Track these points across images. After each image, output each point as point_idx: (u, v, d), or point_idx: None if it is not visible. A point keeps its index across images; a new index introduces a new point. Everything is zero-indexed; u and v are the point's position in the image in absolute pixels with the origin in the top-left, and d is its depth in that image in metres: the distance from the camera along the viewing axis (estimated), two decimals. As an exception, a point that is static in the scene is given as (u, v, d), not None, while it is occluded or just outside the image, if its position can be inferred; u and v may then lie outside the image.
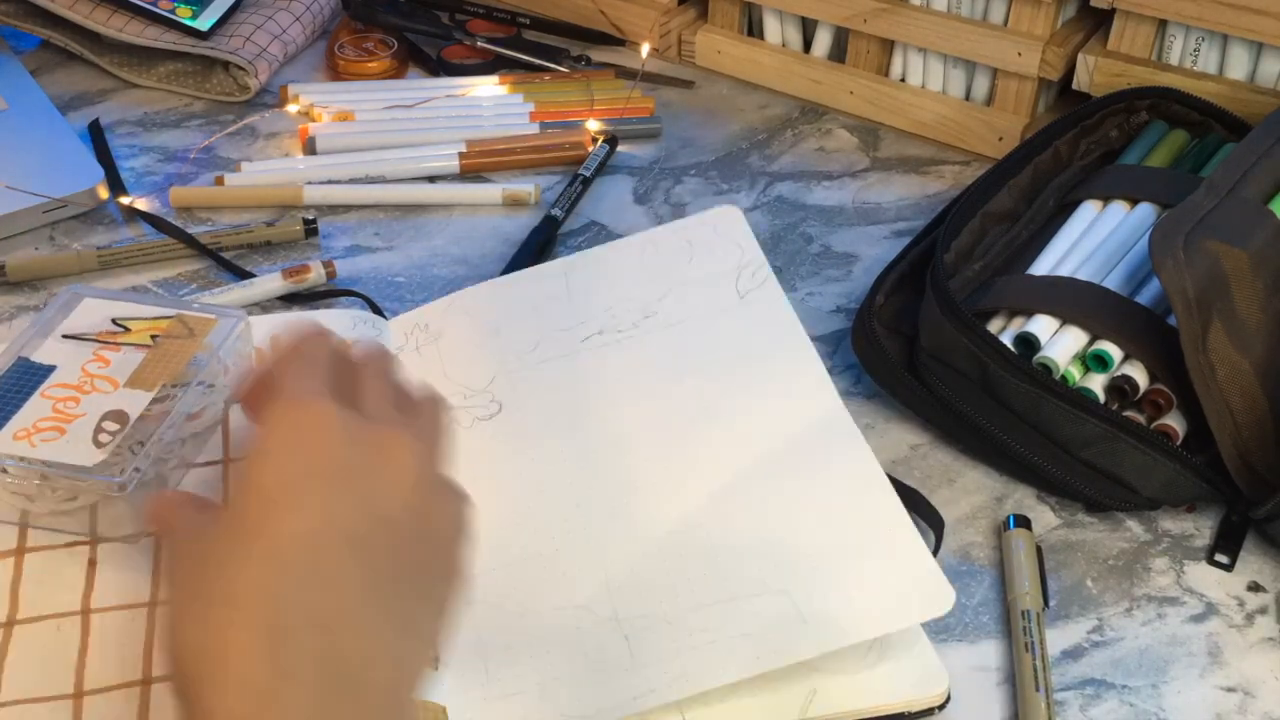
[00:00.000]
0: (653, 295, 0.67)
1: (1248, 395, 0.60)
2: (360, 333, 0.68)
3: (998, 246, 0.72)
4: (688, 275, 0.68)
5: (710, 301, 0.66)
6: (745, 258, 0.68)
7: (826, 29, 0.93)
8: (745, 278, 0.67)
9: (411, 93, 0.92)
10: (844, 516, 0.56)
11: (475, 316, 0.68)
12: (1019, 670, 0.54)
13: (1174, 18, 0.80)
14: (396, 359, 0.51)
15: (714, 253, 0.69)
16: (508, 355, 0.66)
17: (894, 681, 0.53)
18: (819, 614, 0.52)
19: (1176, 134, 0.78)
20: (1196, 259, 0.59)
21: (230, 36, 0.93)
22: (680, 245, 0.70)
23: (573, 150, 0.87)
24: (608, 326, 0.66)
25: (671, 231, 0.71)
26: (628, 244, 0.72)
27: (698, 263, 0.69)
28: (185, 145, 0.88)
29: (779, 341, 0.64)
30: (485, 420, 0.63)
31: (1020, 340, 0.64)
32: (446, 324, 0.69)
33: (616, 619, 0.53)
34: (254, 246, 0.78)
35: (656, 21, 0.98)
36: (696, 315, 0.66)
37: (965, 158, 0.89)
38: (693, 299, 0.67)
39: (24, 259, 0.75)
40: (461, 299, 0.70)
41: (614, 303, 0.67)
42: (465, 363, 0.66)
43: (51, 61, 0.95)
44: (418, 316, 0.70)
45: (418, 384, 0.49)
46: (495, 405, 0.64)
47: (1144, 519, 0.63)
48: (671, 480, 0.59)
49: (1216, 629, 0.58)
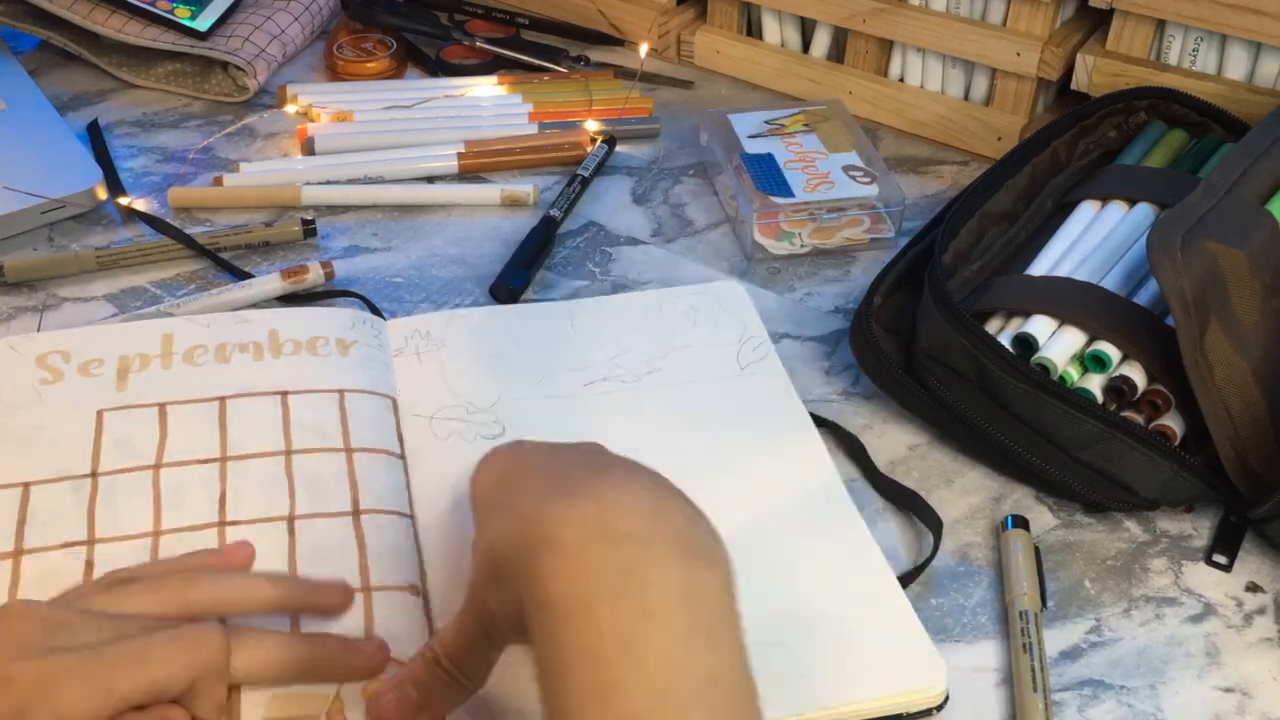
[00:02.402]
0: (656, 352, 0.69)
1: (1245, 395, 0.60)
2: (359, 332, 0.67)
3: (996, 247, 0.72)
4: (690, 339, 0.70)
5: (712, 367, 0.68)
6: (747, 332, 0.70)
7: (825, 29, 0.93)
8: (746, 351, 0.69)
9: (410, 93, 0.92)
10: (840, 585, 0.57)
11: (479, 336, 0.69)
12: (1017, 671, 0.54)
13: (1173, 18, 0.80)
14: None
15: (717, 323, 0.71)
16: (513, 382, 0.66)
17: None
18: (816, 670, 0.53)
19: (1175, 134, 0.78)
20: (1194, 259, 0.59)
21: (229, 37, 0.93)
22: (684, 310, 0.72)
23: (571, 150, 0.87)
24: (611, 375, 0.67)
25: (676, 296, 0.73)
26: (632, 299, 0.73)
27: (700, 329, 0.70)
28: (184, 146, 0.88)
29: (779, 413, 0.65)
30: (488, 440, 0.62)
31: (1018, 341, 0.64)
32: (449, 335, 0.69)
33: None
34: (252, 247, 0.78)
35: (655, 21, 0.98)
36: (698, 378, 0.67)
37: (964, 158, 0.89)
38: (695, 362, 0.68)
39: (22, 260, 0.75)
40: (465, 317, 0.70)
41: (619, 353, 0.68)
42: (468, 378, 0.66)
43: (50, 62, 0.95)
44: (418, 322, 0.70)
45: None
46: (499, 427, 0.64)
47: (1142, 519, 0.63)
48: None
49: (1215, 629, 0.58)
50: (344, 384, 0.64)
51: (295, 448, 0.60)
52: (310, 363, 0.65)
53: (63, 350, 0.65)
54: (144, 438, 0.60)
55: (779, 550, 0.58)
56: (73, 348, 0.65)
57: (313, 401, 0.63)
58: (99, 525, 0.56)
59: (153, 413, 0.62)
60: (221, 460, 0.60)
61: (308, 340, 0.66)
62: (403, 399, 0.65)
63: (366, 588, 0.54)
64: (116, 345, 0.65)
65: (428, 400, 0.65)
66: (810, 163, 0.82)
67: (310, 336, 0.66)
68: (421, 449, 0.62)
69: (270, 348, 0.65)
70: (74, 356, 0.64)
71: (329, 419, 0.62)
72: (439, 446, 0.62)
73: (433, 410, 0.64)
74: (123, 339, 0.66)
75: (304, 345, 0.66)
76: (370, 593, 0.54)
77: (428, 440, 0.63)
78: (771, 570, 0.57)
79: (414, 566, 0.56)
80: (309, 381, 0.64)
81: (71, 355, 0.64)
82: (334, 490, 0.58)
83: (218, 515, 0.57)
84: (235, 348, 0.65)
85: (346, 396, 0.63)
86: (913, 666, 0.53)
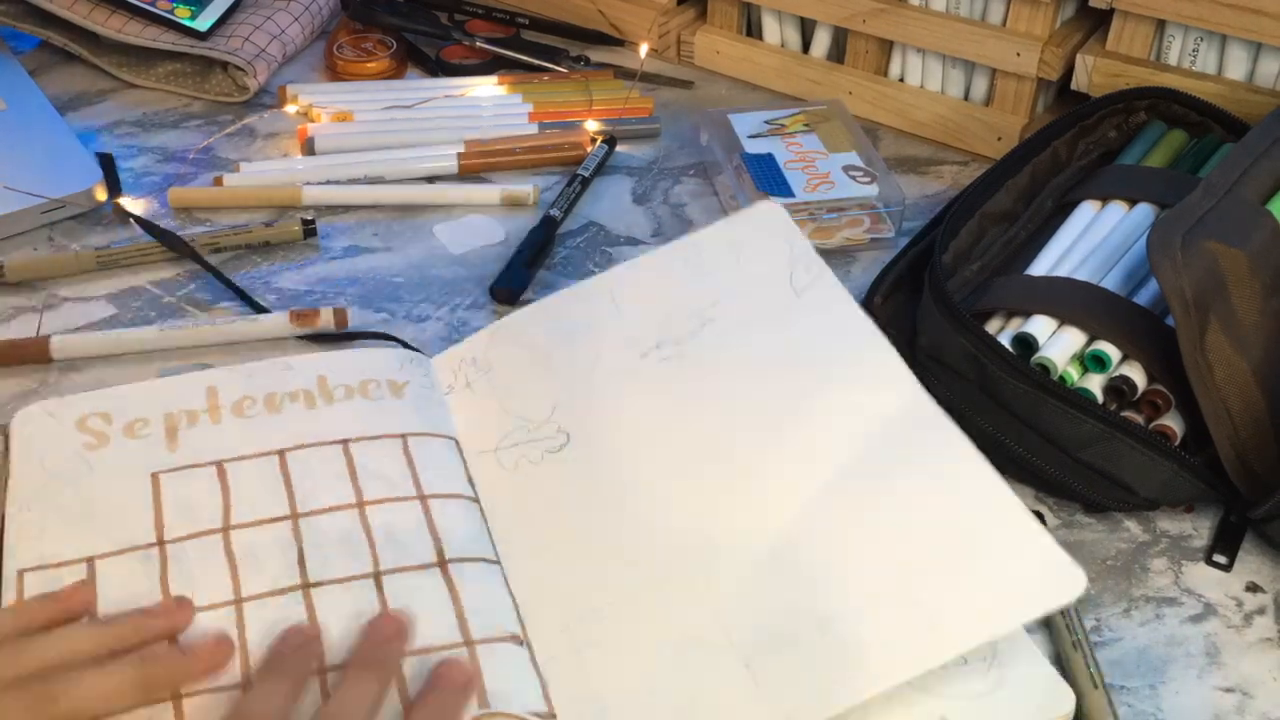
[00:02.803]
0: (705, 301, 0.63)
1: (1246, 395, 0.60)
2: (408, 372, 0.64)
3: (996, 247, 0.72)
4: (737, 277, 0.64)
5: (767, 302, 0.63)
6: (794, 252, 0.64)
7: (825, 29, 0.93)
8: (799, 273, 0.63)
9: (410, 93, 0.92)
10: (950, 509, 0.53)
11: (524, 344, 0.64)
12: (1072, 671, 0.54)
13: (1173, 18, 0.80)
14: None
15: (761, 251, 0.65)
16: (566, 380, 0.62)
17: (1022, 703, 0.51)
18: (945, 615, 0.50)
19: (1175, 134, 0.78)
20: (1194, 259, 0.59)
21: (229, 37, 0.93)
22: (723, 247, 0.65)
23: (571, 150, 0.87)
24: (665, 339, 0.62)
25: (713, 233, 0.67)
26: (667, 251, 0.67)
27: (746, 263, 0.64)
28: (184, 146, 0.88)
29: (846, 334, 0.60)
30: (554, 453, 0.60)
31: (1018, 340, 0.64)
32: (494, 355, 0.64)
33: (733, 645, 0.51)
34: (252, 247, 0.78)
35: (655, 22, 0.98)
36: (756, 317, 0.62)
37: (964, 158, 0.89)
38: (748, 301, 0.63)
39: (23, 259, 0.75)
40: (505, 327, 0.66)
41: (668, 313, 0.63)
42: (522, 394, 0.62)
43: (50, 62, 0.95)
44: (463, 351, 0.65)
45: None
46: (563, 436, 0.60)
47: (1142, 519, 0.63)
48: (764, 492, 0.56)
49: (1215, 629, 0.58)
50: (405, 428, 0.60)
51: (367, 499, 0.57)
52: (366, 407, 0.62)
53: (102, 412, 0.61)
54: (206, 499, 0.57)
55: (890, 491, 0.54)
56: (113, 408, 0.61)
57: (376, 449, 0.59)
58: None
59: (211, 471, 0.58)
60: (293, 517, 0.56)
61: (359, 384, 0.63)
62: (464, 437, 0.62)
63: (469, 641, 0.51)
64: (160, 402, 0.61)
65: (489, 433, 0.61)
66: (810, 163, 0.82)
67: (361, 380, 0.63)
68: (493, 488, 0.59)
69: (321, 394, 0.62)
70: (116, 418, 0.60)
71: (396, 466, 0.59)
72: (510, 480, 0.59)
73: (496, 442, 0.61)
74: (165, 395, 0.62)
75: (355, 390, 0.62)
76: (474, 646, 0.51)
77: (497, 476, 0.60)
78: (879, 515, 0.54)
79: (511, 613, 0.53)
80: (369, 428, 0.60)
81: (113, 416, 0.61)
82: (415, 541, 0.55)
83: (299, 577, 0.53)
84: (285, 396, 0.62)
85: (409, 441, 0.60)
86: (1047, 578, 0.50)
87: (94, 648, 0.48)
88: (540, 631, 0.53)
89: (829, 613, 0.51)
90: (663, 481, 0.57)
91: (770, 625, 0.51)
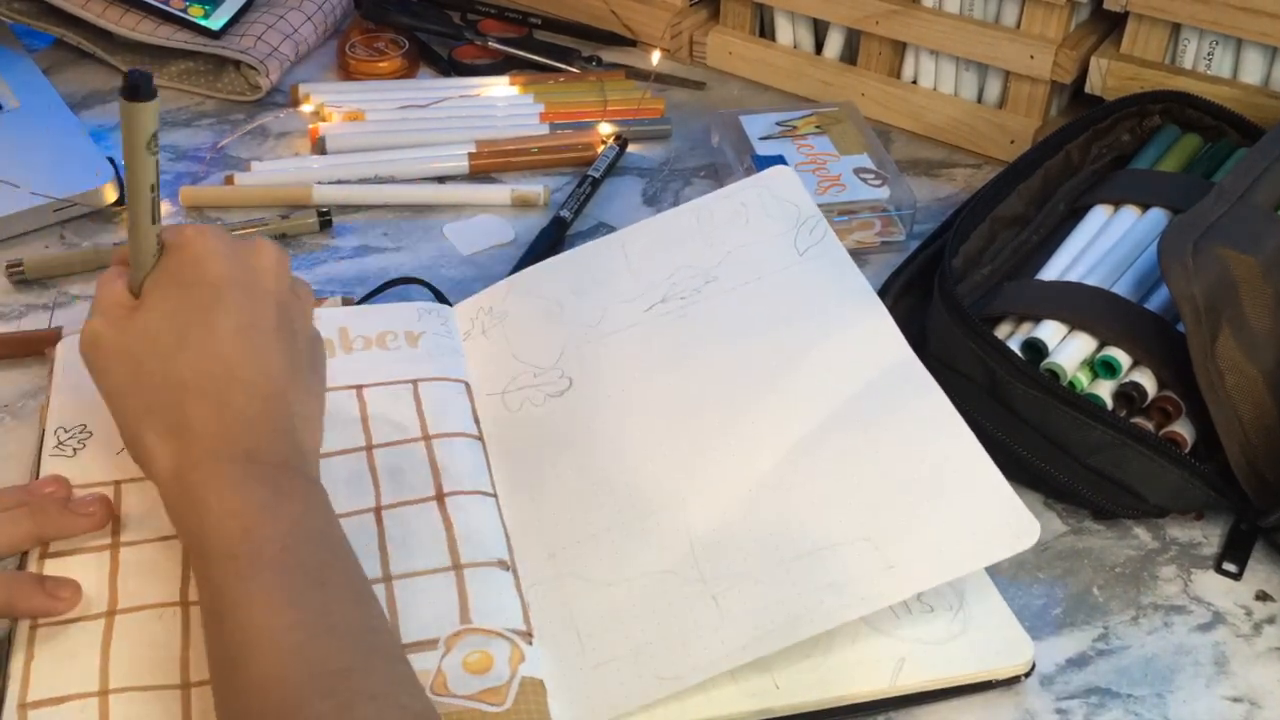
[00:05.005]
0: (712, 260, 0.67)
1: (1257, 403, 0.59)
2: (426, 323, 0.68)
3: (1006, 251, 0.72)
4: (745, 238, 0.68)
5: (770, 261, 0.67)
6: (801, 215, 0.68)
7: (838, 30, 0.93)
8: (804, 235, 0.67)
9: (422, 93, 0.92)
10: (921, 458, 0.57)
11: (538, 295, 0.69)
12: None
13: (1188, 21, 0.80)
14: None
15: (769, 213, 0.69)
16: (574, 329, 0.66)
17: (980, 651, 0.54)
18: (903, 558, 0.53)
19: (1189, 138, 0.78)
20: (1206, 265, 0.59)
21: (242, 36, 0.93)
22: (735, 209, 0.69)
23: (583, 151, 0.87)
24: (670, 294, 0.66)
25: (725, 196, 0.71)
26: (682, 212, 0.71)
27: (754, 225, 0.68)
28: (196, 144, 0.88)
29: (843, 294, 0.64)
30: (557, 397, 0.64)
31: (1028, 346, 0.64)
32: (510, 305, 0.69)
33: (704, 580, 0.54)
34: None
35: (668, 22, 0.98)
36: (758, 276, 0.66)
37: (977, 160, 0.89)
38: (753, 261, 0.67)
39: (41, 257, 0.76)
40: (521, 279, 0.70)
41: (675, 270, 0.68)
42: (532, 342, 0.67)
43: (64, 60, 0.95)
44: (481, 300, 0.70)
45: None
46: (566, 380, 0.64)
47: (1151, 526, 0.63)
48: (748, 439, 0.59)
49: (1223, 638, 0.57)
50: (416, 374, 0.65)
51: (375, 443, 0.61)
52: (381, 356, 0.66)
53: None
54: None
55: (868, 441, 0.58)
56: None
57: (388, 394, 0.64)
58: None
59: None
60: None
61: (377, 335, 0.67)
62: (475, 379, 0.66)
63: (457, 566, 0.55)
64: None
65: (499, 376, 0.66)
66: (822, 165, 0.82)
67: (379, 332, 0.67)
68: (497, 425, 0.63)
69: (341, 344, 0.66)
70: None
71: (405, 410, 0.63)
72: (513, 420, 0.63)
73: (504, 385, 0.65)
74: None
75: (373, 341, 0.67)
76: (461, 570, 0.55)
77: (502, 416, 0.64)
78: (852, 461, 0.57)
79: (501, 542, 0.57)
80: (382, 375, 0.65)
81: None
82: (416, 478, 0.59)
83: None
84: None
85: (420, 386, 0.64)
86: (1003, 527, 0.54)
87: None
88: (527, 558, 0.57)
89: (797, 552, 0.54)
90: (654, 425, 0.61)
91: (740, 562, 0.55)
